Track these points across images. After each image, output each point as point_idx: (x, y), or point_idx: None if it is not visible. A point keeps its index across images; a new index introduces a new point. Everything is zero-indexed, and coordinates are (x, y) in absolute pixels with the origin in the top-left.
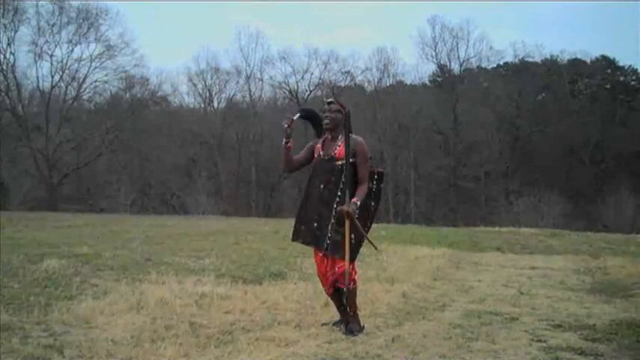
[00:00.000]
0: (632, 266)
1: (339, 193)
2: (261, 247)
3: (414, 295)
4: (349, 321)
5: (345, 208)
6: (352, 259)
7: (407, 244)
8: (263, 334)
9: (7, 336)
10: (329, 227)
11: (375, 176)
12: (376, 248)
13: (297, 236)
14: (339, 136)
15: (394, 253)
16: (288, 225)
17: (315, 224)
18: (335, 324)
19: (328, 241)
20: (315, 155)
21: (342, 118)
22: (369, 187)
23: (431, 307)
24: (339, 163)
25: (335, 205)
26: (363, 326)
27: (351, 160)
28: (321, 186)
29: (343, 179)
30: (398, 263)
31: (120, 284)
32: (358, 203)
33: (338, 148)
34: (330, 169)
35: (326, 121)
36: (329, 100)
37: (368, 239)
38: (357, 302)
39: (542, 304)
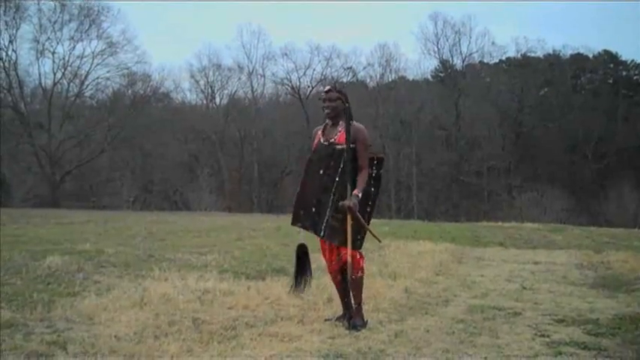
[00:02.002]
0: (635, 261)
1: (338, 179)
2: (263, 243)
3: (416, 290)
4: (352, 316)
5: (346, 203)
6: (357, 248)
7: (409, 239)
8: (266, 329)
9: (11, 333)
10: (327, 212)
11: (375, 162)
12: (379, 240)
13: (296, 220)
14: (340, 123)
15: (397, 249)
16: (289, 222)
17: (314, 209)
18: (338, 319)
19: (325, 226)
20: (316, 141)
21: (341, 105)
22: (369, 173)
23: (433, 302)
24: (339, 147)
25: (334, 191)
26: (366, 321)
27: (351, 145)
28: (321, 171)
29: (342, 165)
30: (400, 258)
31: (123, 281)
32: (360, 195)
33: (338, 133)
34: (330, 153)
35: (327, 110)
36: (327, 88)
37: (371, 232)
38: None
39: (545, 299)
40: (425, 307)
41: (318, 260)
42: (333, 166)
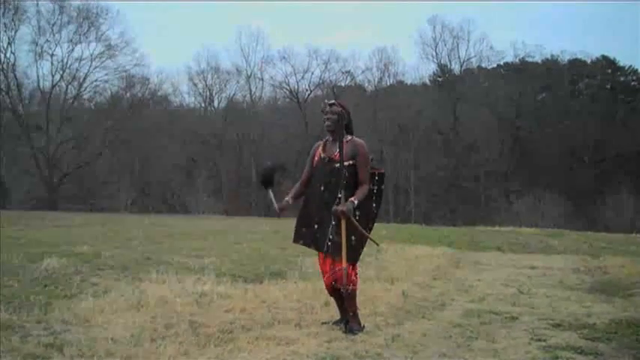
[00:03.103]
0: (632, 266)
1: (340, 195)
2: (261, 246)
3: (414, 294)
4: (349, 320)
5: (339, 208)
6: (353, 261)
7: (407, 243)
8: (263, 332)
9: (7, 335)
10: (330, 229)
11: (376, 177)
12: (378, 244)
13: (298, 237)
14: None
15: (394, 253)
16: (288, 225)
17: (316, 226)
18: (335, 323)
19: (329, 243)
20: (316, 158)
21: (342, 119)
22: (370, 188)
23: (431, 306)
24: (339, 165)
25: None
26: (363, 325)
27: (351, 162)
28: (322, 188)
29: (344, 181)
30: (398, 262)
31: (120, 283)
32: (355, 202)
33: (338, 150)
34: (330, 171)
35: (327, 123)
36: (330, 101)
37: (369, 237)
38: (357, 301)
39: (542, 304)
40: (422, 311)
41: (316, 264)
42: (334, 183)
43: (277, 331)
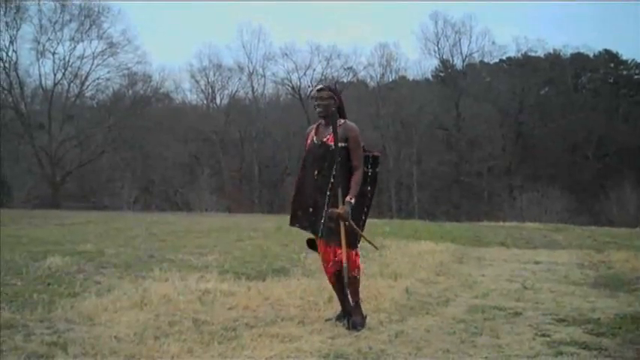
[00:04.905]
0: (637, 260)
1: (332, 180)
2: (264, 243)
3: (417, 290)
4: (351, 314)
5: (337, 210)
6: (353, 247)
7: (410, 239)
8: (266, 330)
9: (11, 333)
10: (323, 214)
11: (371, 160)
12: (376, 247)
13: (294, 221)
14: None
15: (397, 249)
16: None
17: (311, 209)
18: (337, 318)
19: (322, 227)
20: (308, 141)
21: (334, 104)
22: (364, 171)
23: (434, 302)
24: (332, 148)
25: (328, 193)
26: (366, 316)
27: (343, 144)
28: (315, 172)
29: (336, 165)
30: (401, 259)
31: (123, 281)
32: (352, 201)
33: (330, 133)
34: (323, 155)
35: (319, 109)
36: (319, 87)
37: (366, 239)
38: (360, 296)
39: (546, 299)
40: (426, 307)
41: (318, 261)
42: (327, 167)
43: (280, 328)
